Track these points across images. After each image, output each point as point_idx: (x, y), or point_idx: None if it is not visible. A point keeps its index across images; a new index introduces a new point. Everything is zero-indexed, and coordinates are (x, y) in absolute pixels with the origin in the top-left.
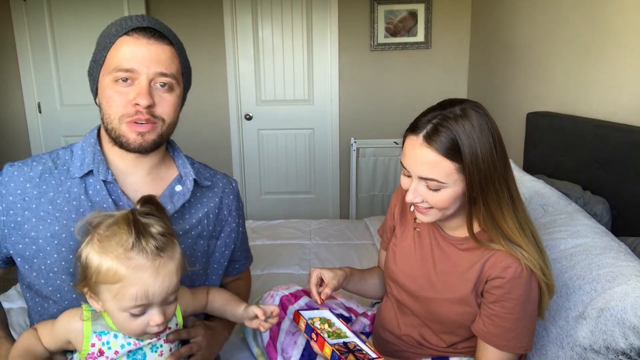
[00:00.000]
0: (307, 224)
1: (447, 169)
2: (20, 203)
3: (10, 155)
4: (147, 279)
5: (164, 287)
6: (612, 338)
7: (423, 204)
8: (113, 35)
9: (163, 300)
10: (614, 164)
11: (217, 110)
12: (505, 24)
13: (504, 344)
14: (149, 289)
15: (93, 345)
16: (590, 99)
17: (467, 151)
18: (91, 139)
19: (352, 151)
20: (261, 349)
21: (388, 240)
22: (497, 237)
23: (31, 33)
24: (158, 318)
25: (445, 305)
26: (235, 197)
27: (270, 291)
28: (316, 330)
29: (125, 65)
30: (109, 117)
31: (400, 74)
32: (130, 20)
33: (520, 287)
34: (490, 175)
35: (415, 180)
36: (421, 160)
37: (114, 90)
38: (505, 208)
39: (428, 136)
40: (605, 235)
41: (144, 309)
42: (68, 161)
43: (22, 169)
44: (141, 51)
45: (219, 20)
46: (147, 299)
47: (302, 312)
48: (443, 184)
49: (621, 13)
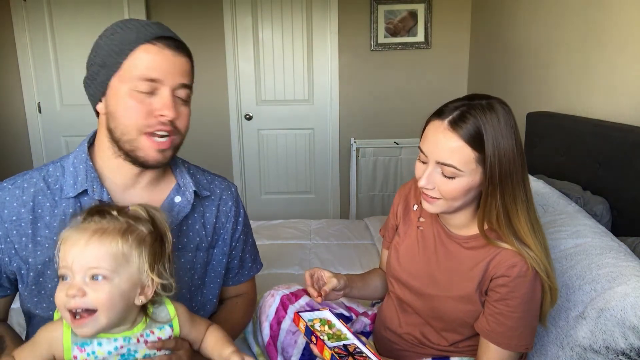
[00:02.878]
0: (307, 224)
1: (467, 156)
2: (17, 230)
3: (11, 155)
4: (76, 240)
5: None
6: (612, 338)
7: (433, 192)
8: (133, 42)
9: None
10: (614, 164)
11: (217, 110)
12: (505, 24)
13: (507, 343)
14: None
15: (75, 358)
16: (590, 99)
17: (491, 142)
18: (82, 154)
19: (352, 151)
20: (261, 348)
21: (390, 239)
22: (507, 236)
23: (31, 33)
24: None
25: (449, 303)
26: (234, 204)
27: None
28: (316, 333)
29: (151, 75)
30: (125, 127)
31: (400, 74)
32: (150, 28)
33: (525, 286)
34: (510, 170)
35: (432, 166)
36: (443, 144)
37: (136, 99)
38: (520, 206)
39: (454, 122)
40: (605, 235)
41: (65, 273)
42: (60, 179)
43: (14, 192)
44: (167, 62)
45: (219, 21)
46: (71, 262)
47: (302, 313)
48: (459, 172)
49: (621, 13)
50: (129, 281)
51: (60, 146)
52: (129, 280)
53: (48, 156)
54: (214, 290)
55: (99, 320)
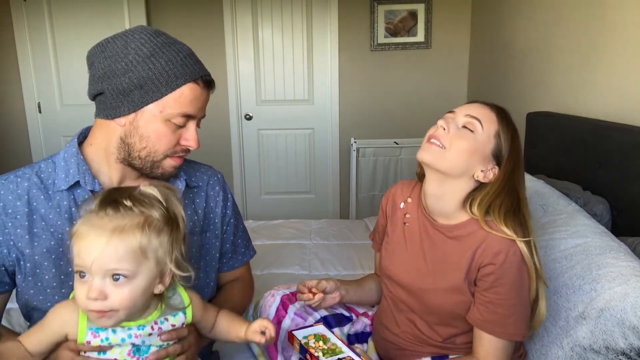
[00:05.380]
0: (307, 224)
1: (492, 122)
2: (12, 222)
3: (11, 155)
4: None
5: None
6: (612, 338)
7: (444, 137)
8: (180, 77)
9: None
10: (614, 164)
11: (217, 110)
12: (505, 24)
13: (501, 331)
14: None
15: (88, 342)
16: (590, 99)
17: (512, 123)
18: (72, 148)
19: (352, 151)
20: (261, 349)
21: (380, 240)
22: (500, 222)
23: (31, 33)
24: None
25: (439, 295)
26: (221, 189)
27: (270, 290)
28: (310, 351)
29: (190, 112)
30: (154, 152)
31: (400, 74)
32: (194, 66)
33: (512, 272)
34: (519, 154)
35: (458, 116)
36: (477, 107)
37: (169, 128)
38: (522, 189)
39: (485, 103)
40: (605, 235)
41: (82, 273)
42: (52, 174)
43: (8, 186)
44: (203, 100)
45: (219, 21)
46: (86, 258)
47: (296, 332)
48: (479, 131)
49: (621, 13)
50: (149, 276)
51: (60, 146)
52: (149, 275)
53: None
54: (211, 274)
55: (119, 316)
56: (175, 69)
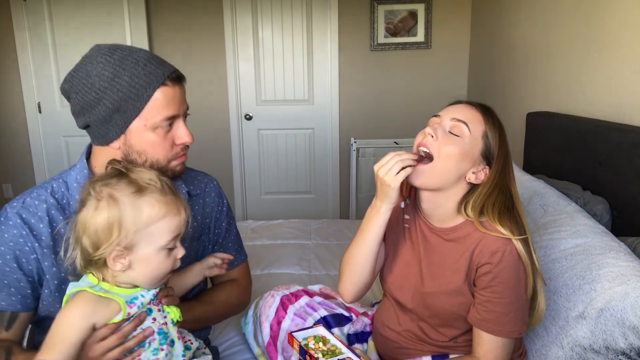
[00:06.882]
0: (307, 224)
1: (479, 123)
2: (39, 242)
3: (11, 155)
4: (177, 209)
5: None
6: (612, 338)
7: (432, 145)
8: (148, 87)
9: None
10: (614, 164)
11: (217, 110)
12: (505, 24)
13: (499, 329)
14: (182, 217)
15: (129, 314)
16: (590, 99)
17: (498, 121)
18: (84, 170)
19: (352, 151)
20: (262, 349)
21: None
22: (495, 221)
23: (31, 33)
24: (182, 250)
25: (441, 298)
26: (217, 195)
27: (270, 291)
28: (310, 352)
29: (170, 114)
30: (156, 160)
31: (400, 74)
32: (158, 68)
33: (509, 270)
34: (508, 151)
35: (444, 121)
36: (462, 108)
37: (160, 135)
38: (513, 185)
39: (470, 103)
40: (605, 235)
41: (175, 241)
42: (65, 194)
43: (28, 210)
44: (179, 97)
45: (219, 21)
46: (179, 228)
47: (296, 333)
48: (466, 134)
49: (621, 13)
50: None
51: (60, 146)
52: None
53: (48, 156)
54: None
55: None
56: (140, 80)
